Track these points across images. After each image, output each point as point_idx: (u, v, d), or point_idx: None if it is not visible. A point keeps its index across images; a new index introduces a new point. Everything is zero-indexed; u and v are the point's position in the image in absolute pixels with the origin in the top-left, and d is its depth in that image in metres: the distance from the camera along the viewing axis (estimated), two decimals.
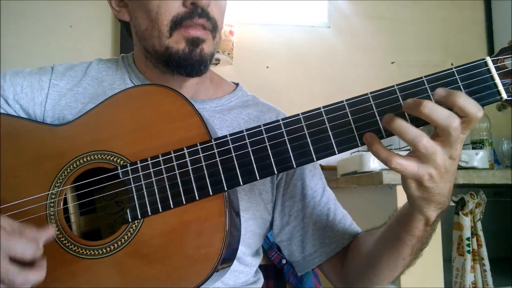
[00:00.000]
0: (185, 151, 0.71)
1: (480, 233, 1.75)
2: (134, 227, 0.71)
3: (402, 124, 0.62)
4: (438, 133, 0.63)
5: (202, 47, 0.85)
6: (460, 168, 1.74)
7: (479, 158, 1.81)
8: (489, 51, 2.56)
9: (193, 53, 0.85)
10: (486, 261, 1.73)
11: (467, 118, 0.62)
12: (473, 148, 2.00)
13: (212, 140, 0.71)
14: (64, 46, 2.32)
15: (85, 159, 0.76)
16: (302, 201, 0.96)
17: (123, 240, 0.71)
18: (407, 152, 0.68)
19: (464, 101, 0.61)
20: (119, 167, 0.73)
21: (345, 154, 2.23)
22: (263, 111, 1.00)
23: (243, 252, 0.92)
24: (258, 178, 0.69)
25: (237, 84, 1.06)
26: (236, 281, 0.92)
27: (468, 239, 1.72)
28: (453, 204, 1.77)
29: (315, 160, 0.69)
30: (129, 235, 0.71)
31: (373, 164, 1.82)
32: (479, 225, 1.75)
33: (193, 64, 0.86)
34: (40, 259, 0.65)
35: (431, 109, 0.61)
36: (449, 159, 0.65)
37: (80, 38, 2.31)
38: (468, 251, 1.72)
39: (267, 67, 2.49)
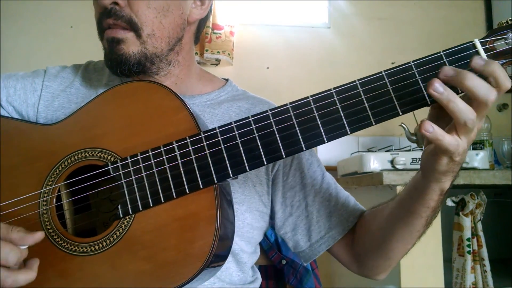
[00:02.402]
0: (175, 145, 0.71)
1: (481, 233, 1.74)
2: (125, 223, 0.71)
3: (459, 102, 0.62)
4: (473, 107, 0.63)
5: (120, 47, 0.86)
6: (460, 168, 1.73)
7: (479, 158, 1.80)
8: None
9: (111, 53, 0.87)
10: (487, 262, 1.73)
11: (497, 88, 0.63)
12: (473, 149, 2.00)
13: (201, 133, 0.71)
14: (64, 46, 2.33)
15: (76, 157, 0.76)
16: (303, 191, 0.96)
17: (115, 236, 0.71)
18: (407, 152, 0.68)
19: (499, 68, 0.62)
20: (109, 164, 0.73)
21: (345, 155, 2.23)
22: (254, 103, 1.01)
23: (241, 248, 0.92)
24: (248, 169, 0.69)
25: (227, 80, 1.06)
26: (231, 278, 0.92)
27: (468, 239, 1.71)
28: (453, 204, 1.76)
29: (304, 149, 0.69)
30: (120, 231, 0.71)
31: (373, 164, 1.82)
32: (479, 225, 1.75)
33: (112, 64, 0.87)
34: (31, 260, 0.66)
35: (474, 81, 0.61)
36: (475, 132, 0.66)
37: (80, 39, 2.31)
38: (469, 252, 1.71)
39: (268, 68, 2.49)
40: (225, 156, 0.70)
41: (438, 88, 0.61)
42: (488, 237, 1.77)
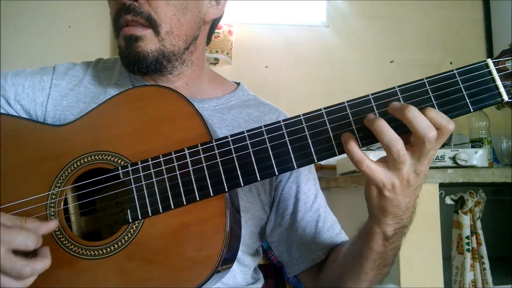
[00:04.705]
0: (186, 151, 0.71)
1: (480, 231, 1.75)
2: (134, 228, 0.71)
3: (383, 125, 0.63)
4: (411, 142, 0.65)
5: (138, 44, 0.85)
6: (459, 166, 1.74)
7: (478, 156, 1.81)
8: (488, 50, 2.56)
9: (128, 50, 0.85)
10: (486, 260, 1.73)
11: (439, 130, 0.63)
12: (472, 147, 2.00)
13: (213, 140, 0.71)
14: (63, 46, 2.32)
15: (85, 160, 0.76)
16: (294, 205, 0.96)
17: (123, 241, 0.71)
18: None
19: (435, 113, 0.63)
20: (119, 168, 0.73)
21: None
22: (264, 112, 1.00)
23: (243, 252, 0.93)
24: (259, 179, 0.69)
25: (238, 84, 1.05)
26: (235, 281, 0.93)
27: (467, 237, 1.72)
28: (452, 202, 1.77)
29: (316, 161, 0.69)
30: (129, 235, 0.71)
31: None
32: (478, 223, 1.75)
33: (129, 62, 0.86)
34: (43, 248, 0.67)
35: (414, 115, 0.62)
36: (413, 173, 0.66)
37: (79, 38, 2.31)
38: (468, 250, 1.71)
39: (266, 67, 2.49)
40: (237, 165, 0.70)
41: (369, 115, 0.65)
42: (487, 235, 1.77)
